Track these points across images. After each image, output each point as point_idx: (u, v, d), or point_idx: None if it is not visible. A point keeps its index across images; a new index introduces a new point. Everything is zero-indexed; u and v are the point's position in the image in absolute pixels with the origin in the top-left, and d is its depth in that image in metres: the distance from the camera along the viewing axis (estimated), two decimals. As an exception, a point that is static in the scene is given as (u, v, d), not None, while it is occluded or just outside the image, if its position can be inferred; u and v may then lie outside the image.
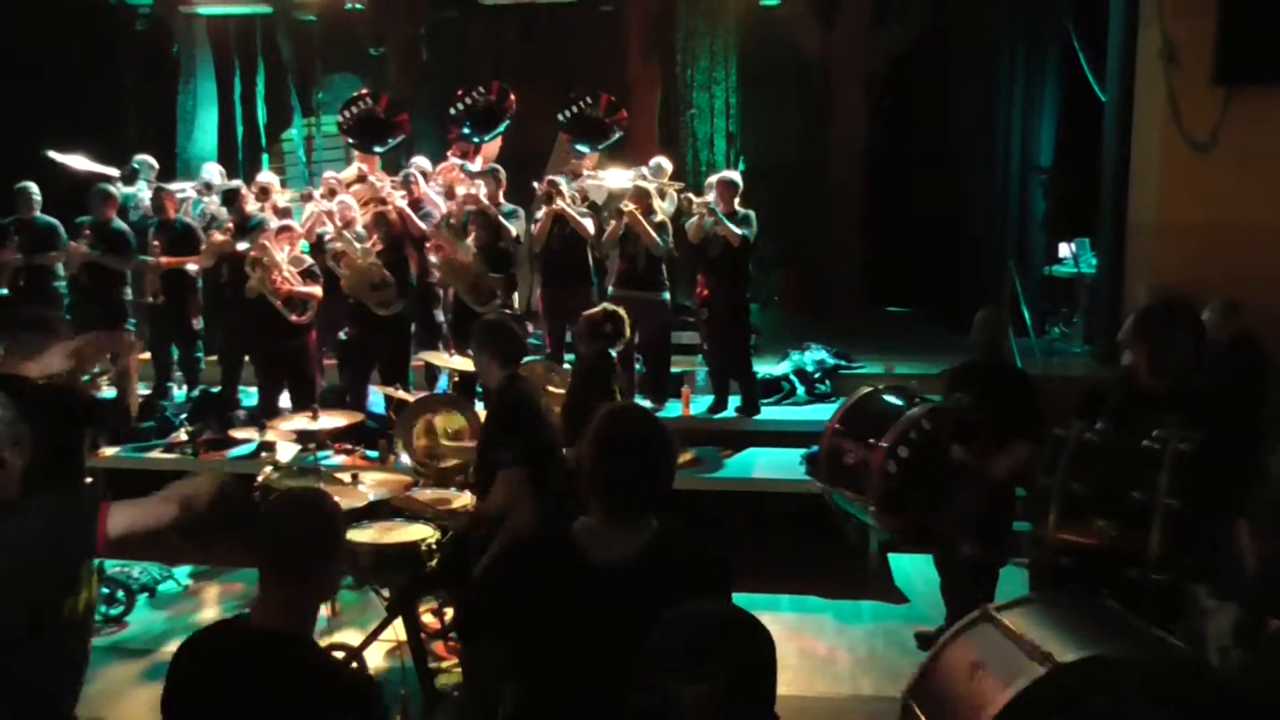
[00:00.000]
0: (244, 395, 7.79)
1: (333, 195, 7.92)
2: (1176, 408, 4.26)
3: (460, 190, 8.00)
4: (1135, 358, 5.55)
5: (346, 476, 5.06)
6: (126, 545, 2.82)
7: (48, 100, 9.74)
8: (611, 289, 7.38)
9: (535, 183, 7.95)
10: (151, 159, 8.67)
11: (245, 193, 7.75)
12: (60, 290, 7.89)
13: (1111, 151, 7.99)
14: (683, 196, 7.60)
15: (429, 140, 9.95)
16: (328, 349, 7.75)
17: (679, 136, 10.02)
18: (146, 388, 7.94)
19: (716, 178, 7.45)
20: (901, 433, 5.49)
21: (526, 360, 7.36)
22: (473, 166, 8.62)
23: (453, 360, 6.45)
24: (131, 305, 7.93)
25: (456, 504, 4.78)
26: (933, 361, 7.91)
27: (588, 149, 8.84)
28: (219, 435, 7.25)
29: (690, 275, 7.69)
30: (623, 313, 5.26)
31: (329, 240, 7.41)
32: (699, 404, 7.48)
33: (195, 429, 7.25)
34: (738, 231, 7.00)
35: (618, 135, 8.92)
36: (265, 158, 10.79)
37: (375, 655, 4.77)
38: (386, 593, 4.54)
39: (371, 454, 6.98)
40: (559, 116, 9.18)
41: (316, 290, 7.12)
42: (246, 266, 7.01)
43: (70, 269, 7.70)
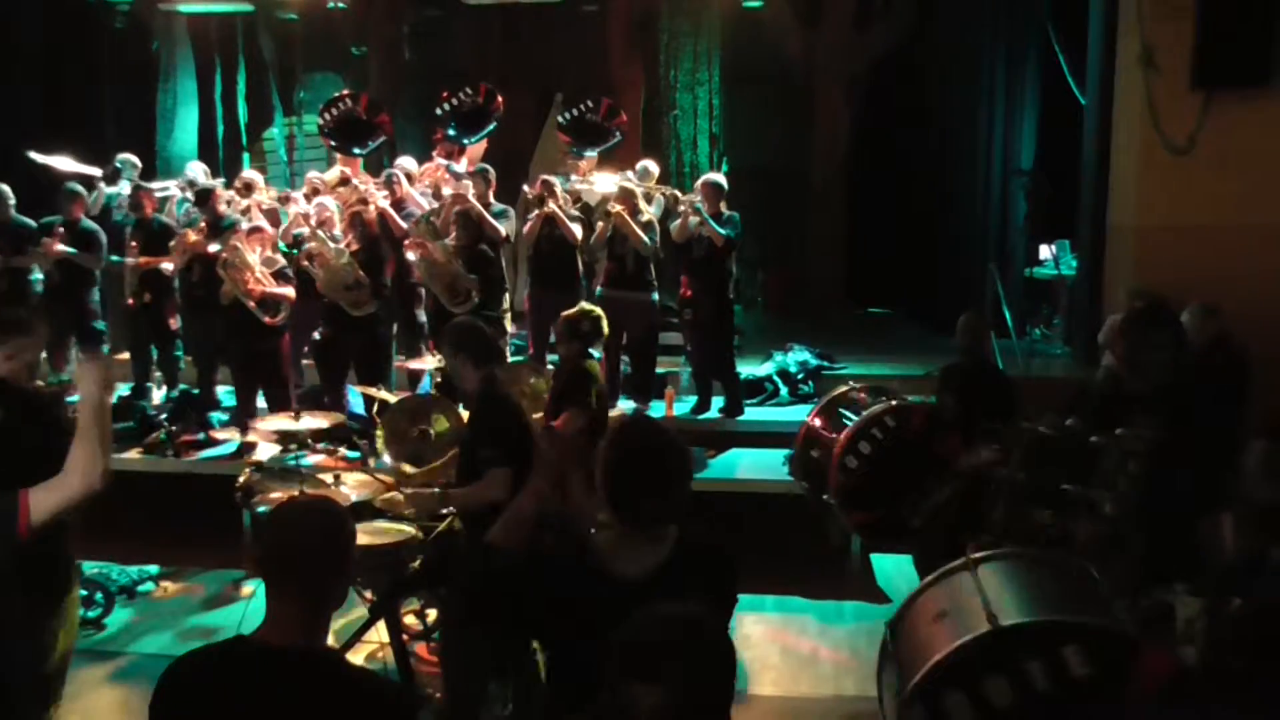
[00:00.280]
0: (224, 396, 7.75)
1: (316, 195, 7.87)
2: (1156, 408, 4.31)
3: (447, 191, 7.97)
4: (1116, 359, 5.64)
5: (328, 477, 5.03)
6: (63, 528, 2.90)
7: (26, 99, 9.65)
8: (600, 289, 7.37)
9: (525, 185, 7.94)
10: (135, 158, 8.59)
11: (219, 193, 7.71)
12: (35, 291, 7.81)
13: (1091, 155, 8.05)
14: (669, 195, 7.60)
15: (412, 140, 9.91)
16: (306, 350, 7.72)
17: (662, 138, 10.02)
18: (125, 389, 7.90)
19: (701, 179, 7.47)
20: (862, 428, 5.58)
21: (511, 362, 7.39)
22: (458, 167, 8.59)
23: (430, 361, 6.43)
24: (100, 306, 7.87)
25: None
26: (914, 362, 7.96)
27: (592, 152, 8.83)
28: (198, 436, 7.22)
29: (674, 276, 7.71)
30: (599, 311, 5.30)
31: (305, 240, 7.37)
32: (682, 405, 7.48)
33: (175, 429, 7.20)
34: (722, 232, 7.02)
35: (617, 139, 8.92)
36: (246, 157, 10.71)
37: (357, 658, 4.74)
38: (369, 594, 4.52)
39: (352, 454, 6.95)
40: (559, 118, 9.16)
41: (289, 291, 7.08)
42: (218, 269, 6.97)
43: (44, 266, 7.63)
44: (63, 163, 8.23)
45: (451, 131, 9.08)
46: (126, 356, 8.02)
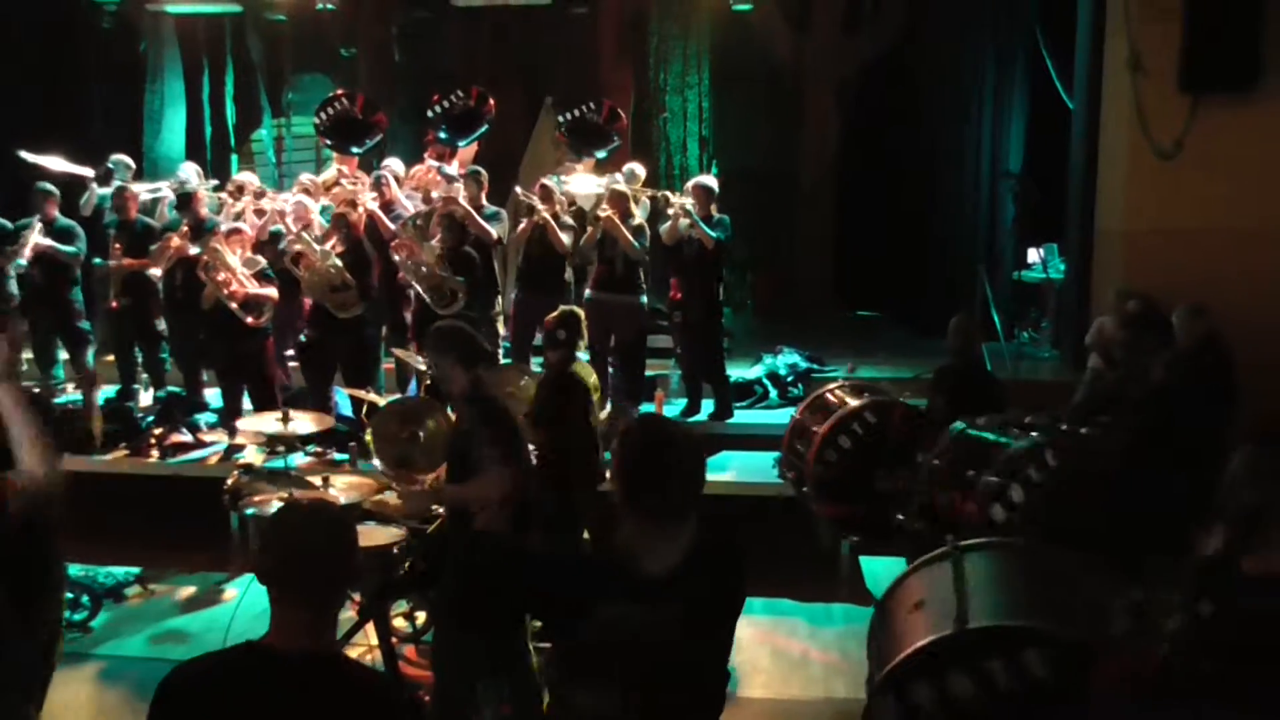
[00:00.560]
0: (211, 398, 7.71)
1: (309, 195, 7.85)
2: (1144, 408, 4.33)
3: (435, 194, 7.94)
4: (1102, 361, 5.68)
5: (317, 479, 5.00)
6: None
7: (11, 99, 9.58)
8: (589, 292, 7.36)
9: (518, 187, 7.92)
10: (128, 159, 8.54)
11: (200, 195, 7.69)
12: (13, 292, 7.75)
13: (1079, 158, 8.09)
14: (659, 197, 7.60)
15: (400, 142, 9.88)
16: (291, 351, 7.69)
17: (652, 140, 10.03)
18: (111, 391, 7.85)
19: (692, 182, 7.47)
20: (840, 422, 5.61)
21: (501, 364, 7.37)
22: (449, 169, 8.57)
23: (421, 361, 6.39)
24: (86, 307, 7.83)
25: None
26: (903, 365, 7.98)
27: (601, 154, 8.81)
28: (185, 437, 7.18)
29: (664, 278, 7.70)
30: (579, 312, 5.34)
31: (289, 242, 7.33)
32: (672, 408, 7.48)
33: (161, 431, 7.16)
34: (712, 235, 7.02)
35: (616, 144, 8.90)
36: (234, 158, 10.67)
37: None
38: (358, 597, 4.50)
39: (340, 457, 6.92)
40: (559, 119, 9.16)
41: (272, 292, 7.05)
42: (199, 272, 6.93)
43: (19, 269, 7.57)
44: (55, 163, 8.19)
45: (443, 134, 9.06)
46: (111, 359, 7.98)
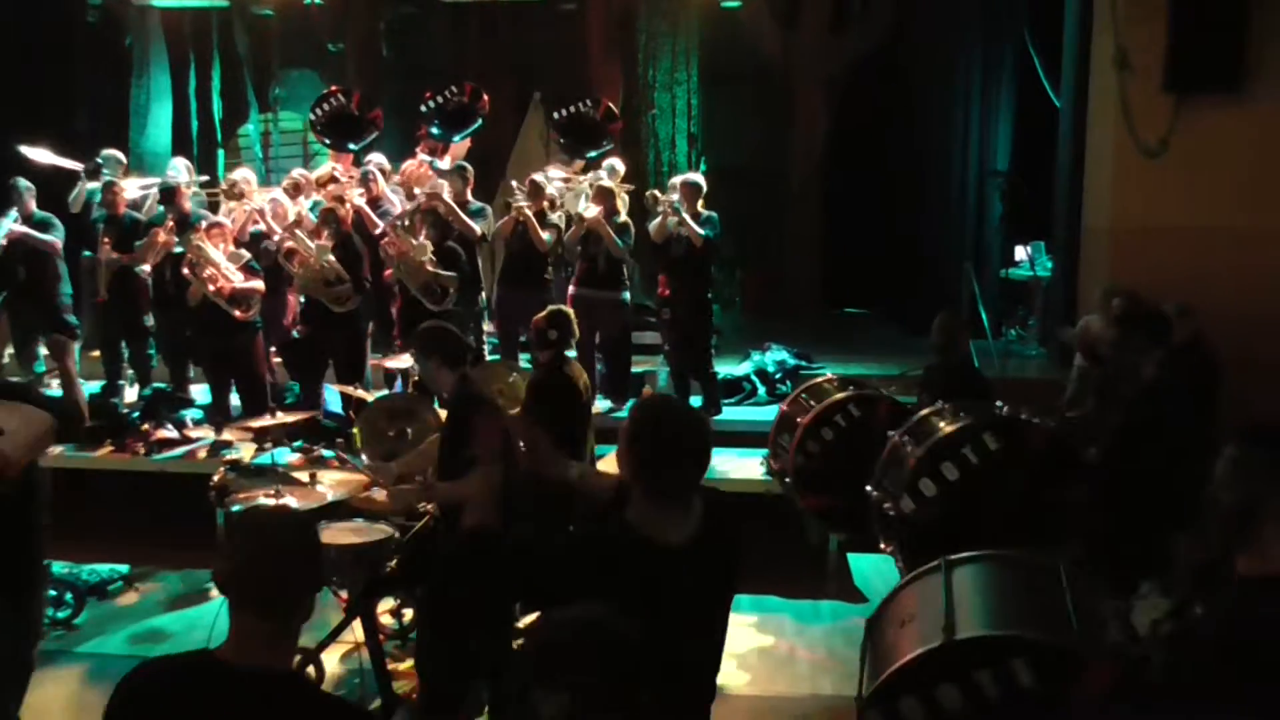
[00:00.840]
0: (199, 394, 7.67)
1: (298, 191, 7.82)
2: (1132, 406, 4.35)
3: (418, 190, 7.90)
4: (1086, 359, 5.70)
5: (304, 476, 4.98)
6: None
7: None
8: (572, 289, 7.35)
9: (514, 182, 7.89)
10: (119, 154, 8.48)
11: (184, 190, 7.66)
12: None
13: (1066, 156, 8.12)
14: (649, 196, 7.59)
15: (387, 137, 9.83)
16: (273, 348, 7.65)
17: (641, 137, 10.01)
18: (97, 386, 7.80)
19: (680, 179, 7.46)
20: (823, 414, 5.62)
21: (488, 361, 7.36)
22: (441, 164, 8.54)
23: (405, 360, 6.38)
24: (72, 302, 7.78)
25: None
26: (891, 362, 8.00)
27: (593, 154, 8.80)
28: (171, 433, 7.14)
29: (652, 275, 7.69)
30: (568, 311, 5.33)
31: (282, 239, 7.29)
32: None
33: (147, 427, 7.12)
34: (701, 232, 7.02)
35: (608, 146, 8.89)
36: (221, 154, 10.62)
37: (332, 657, 4.71)
38: (344, 594, 4.49)
39: (328, 453, 6.89)
40: (553, 115, 9.13)
41: (258, 284, 7.03)
42: (184, 269, 6.90)
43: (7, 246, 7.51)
44: (44, 156, 8.13)
45: (436, 130, 9.03)
46: (98, 354, 7.93)
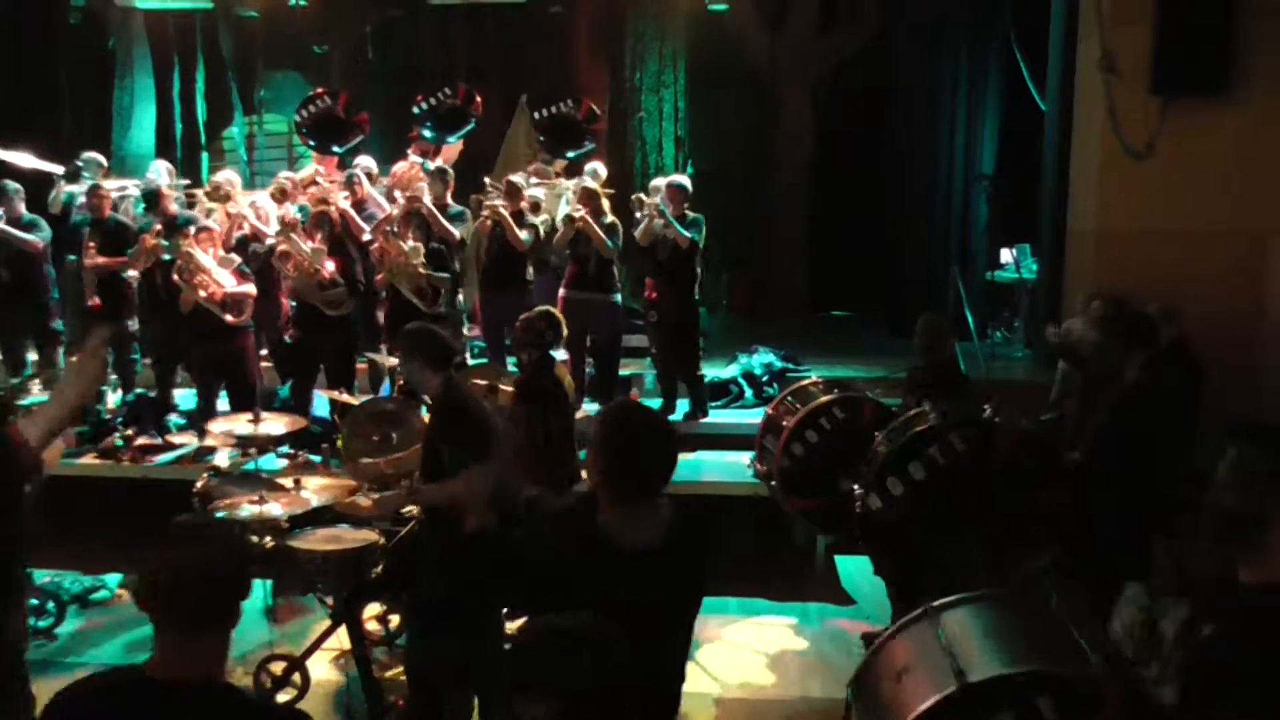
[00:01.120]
0: (182, 399, 7.62)
1: (285, 196, 7.77)
2: (1116, 409, 4.36)
3: (398, 194, 7.85)
4: (1068, 362, 5.71)
5: (289, 481, 4.95)
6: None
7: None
8: (563, 291, 7.33)
9: (487, 178, 7.87)
10: (99, 156, 8.42)
11: (166, 192, 7.61)
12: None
13: (1052, 159, 8.14)
14: (634, 199, 7.57)
15: (373, 140, 9.80)
16: (264, 351, 7.61)
17: (627, 140, 10.01)
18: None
19: (665, 181, 7.45)
20: (808, 416, 5.64)
21: (473, 365, 7.33)
22: (433, 165, 8.52)
23: (393, 361, 6.35)
24: (59, 306, 7.73)
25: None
26: (877, 365, 8.01)
27: (573, 155, 8.77)
28: (154, 440, 7.09)
29: (639, 278, 7.67)
30: (556, 314, 5.34)
31: (278, 242, 7.25)
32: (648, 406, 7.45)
33: (130, 433, 7.07)
34: (687, 235, 7.01)
35: (590, 147, 8.87)
36: (205, 156, 10.57)
37: (319, 664, 4.68)
38: (330, 600, 4.46)
39: (315, 458, 6.86)
40: (535, 115, 9.10)
41: (250, 288, 6.99)
42: (174, 276, 6.86)
43: None
44: (24, 159, 8.06)
45: (428, 132, 9.00)
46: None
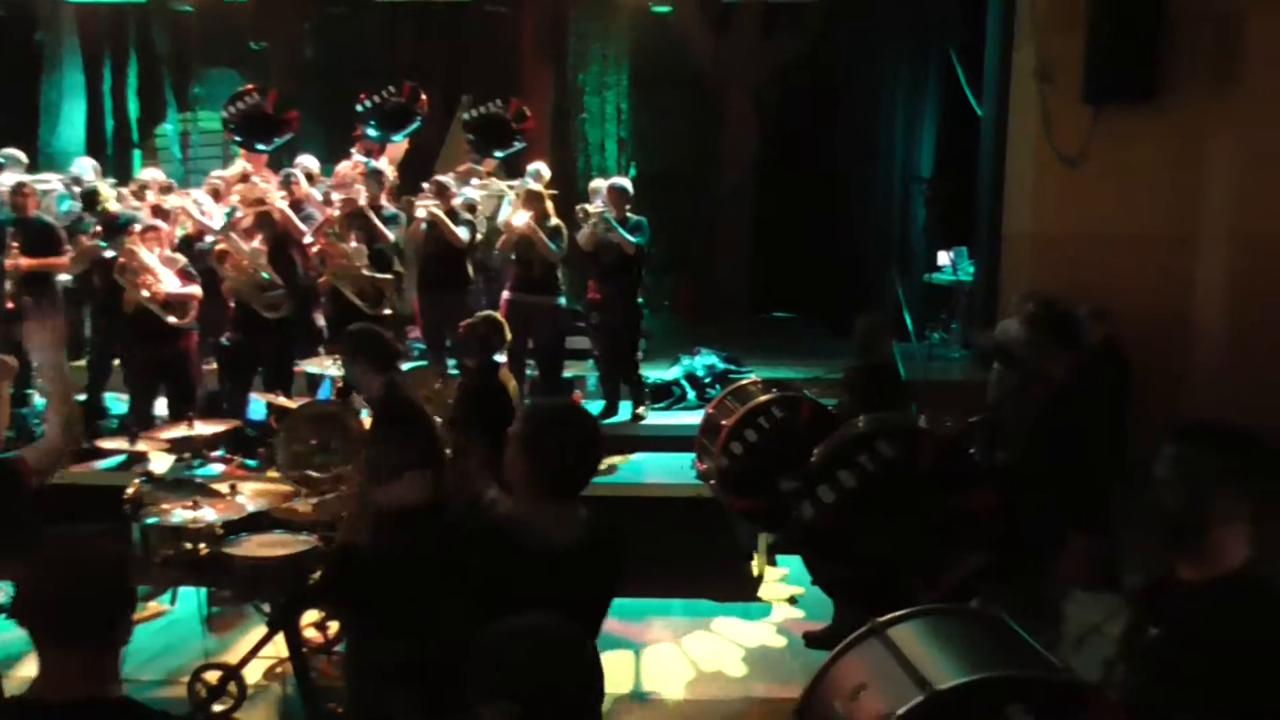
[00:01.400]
0: (113, 403, 7.44)
1: (218, 197, 7.61)
2: (1045, 409, 4.46)
3: (335, 196, 7.74)
4: (1001, 364, 5.82)
5: (224, 487, 4.86)
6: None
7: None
8: (507, 294, 7.29)
9: (424, 183, 7.80)
10: (20, 153, 8.18)
11: (105, 192, 7.41)
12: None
13: (988, 164, 8.30)
14: (579, 210, 7.54)
15: (313, 138, 9.66)
16: (209, 354, 7.46)
17: (570, 140, 9.99)
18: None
19: (607, 184, 7.45)
20: (747, 415, 5.68)
21: (412, 367, 7.27)
22: (378, 165, 8.40)
23: (328, 365, 6.26)
24: None
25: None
26: (818, 366, 8.09)
27: (501, 155, 8.71)
28: (85, 445, 6.90)
29: (582, 281, 7.66)
30: (499, 318, 5.32)
31: (217, 241, 7.11)
32: (590, 409, 7.43)
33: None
34: (631, 239, 7.01)
35: (519, 147, 8.82)
36: (137, 154, 10.31)
37: (255, 673, 4.60)
38: (267, 607, 4.38)
39: (251, 463, 6.73)
40: (464, 115, 9.02)
41: (195, 290, 6.84)
42: (115, 275, 6.68)
43: None
44: None
45: (373, 130, 8.88)
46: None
